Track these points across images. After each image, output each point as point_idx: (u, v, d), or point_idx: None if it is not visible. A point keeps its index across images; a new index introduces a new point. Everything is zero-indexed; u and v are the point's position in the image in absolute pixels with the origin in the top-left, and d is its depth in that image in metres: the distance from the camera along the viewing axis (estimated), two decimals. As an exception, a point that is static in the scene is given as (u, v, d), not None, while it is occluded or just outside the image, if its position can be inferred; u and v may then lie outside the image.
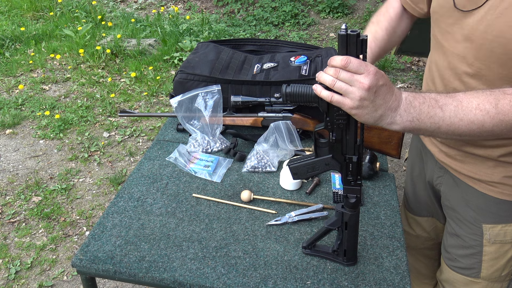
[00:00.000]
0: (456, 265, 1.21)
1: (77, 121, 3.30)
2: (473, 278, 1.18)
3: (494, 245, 1.12)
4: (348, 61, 0.77)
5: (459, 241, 1.18)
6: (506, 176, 1.04)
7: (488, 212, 1.10)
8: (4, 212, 2.52)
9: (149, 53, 4.22)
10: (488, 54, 0.90)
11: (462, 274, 1.20)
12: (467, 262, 1.18)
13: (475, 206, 1.12)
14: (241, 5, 5.24)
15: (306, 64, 1.53)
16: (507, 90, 0.83)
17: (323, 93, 0.81)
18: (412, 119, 0.82)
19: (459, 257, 1.20)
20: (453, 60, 1.00)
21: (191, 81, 1.50)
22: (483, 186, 1.08)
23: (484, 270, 1.16)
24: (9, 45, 4.31)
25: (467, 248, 1.17)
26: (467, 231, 1.15)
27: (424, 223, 1.41)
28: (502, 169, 1.03)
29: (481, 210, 1.11)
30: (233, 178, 1.35)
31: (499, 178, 1.05)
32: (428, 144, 1.22)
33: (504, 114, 0.81)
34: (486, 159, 1.04)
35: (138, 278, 1.04)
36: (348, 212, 0.97)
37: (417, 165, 1.34)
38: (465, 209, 1.15)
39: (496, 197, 1.07)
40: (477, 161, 1.06)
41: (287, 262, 1.07)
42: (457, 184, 1.15)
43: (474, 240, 1.14)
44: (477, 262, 1.16)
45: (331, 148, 0.92)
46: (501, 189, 1.05)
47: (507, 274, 1.16)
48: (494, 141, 1.00)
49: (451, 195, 1.19)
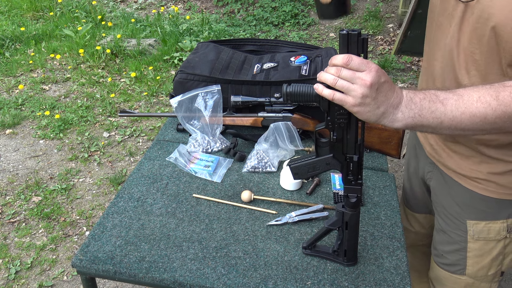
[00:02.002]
0: (443, 262, 1.22)
1: (77, 121, 3.29)
2: (459, 275, 1.19)
3: (478, 242, 1.13)
4: (349, 59, 0.77)
5: (445, 237, 1.19)
6: (491, 173, 1.04)
7: (472, 208, 1.11)
8: (4, 212, 2.52)
9: (149, 53, 4.22)
10: (479, 38, 0.91)
11: (448, 271, 1.21)
12: (452, 258, 1.19)
13: (460, 202, 1.13)
14: (241, 5, 5.24)
15: (306, 64, 1.53)
16: (506, 83, 0.84)
17: (324, 92, 0.81)
18: (414, 115, 0.82)
19: (445, 253, 1.21)
20: (448, 46, 1.01)
21: (191, 81, 1.50)
22: (468, 182, 1.09)
23: (469, 267, 1.16)
24: (9, 45, 4.31)
25: (452, 244, 1.18)
26: (453, 227, 1.16)
27: (422, 220, 1.42)
28: (486, 165, 1.04)
29: (465, 206, 1.12)
30: (233, 178, 1.34)
31: (484, 174, 1.05)
32: (421, 139, 1.23)
33: (506, 106, 0.81)
34: (472, 154, 1.05)
35: (138, 278, 1.04)
36: (349, 211, 0.97)
37: (413, 162, 1.35)
38: (451, 205, 1.16)
39: (481, 194, 1.08)
40: (463, 156, 1.07)
41: (287, 263, 1.07)
42: (444, 180, 1.16)
43: (459, 235, 1.15)
44: (462, 258, 1.16)
45: (332, 148, 0.92)
46: (486, 185, 1.06)
47: (494, 274, 1.16)
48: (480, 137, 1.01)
49: (439, 191, 1.20)
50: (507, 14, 0.84)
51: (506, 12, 0.84)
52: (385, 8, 5.10)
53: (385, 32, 4.73)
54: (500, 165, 1.03)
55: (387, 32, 4.73)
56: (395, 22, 4.81)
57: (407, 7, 3.81)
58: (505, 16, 0.84)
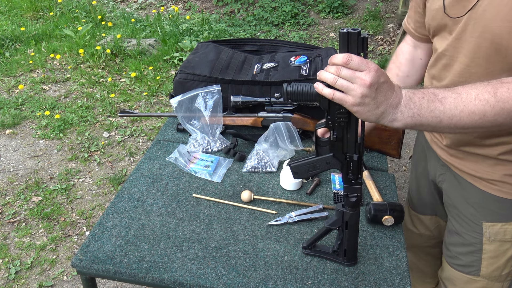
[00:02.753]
0: (457, 263, 1.22)
1: (77, 121, 3.29)
2: (473, 276, 1.18)
3: (493, 244, 1.12)
4: (349, 58, 0.77)
5: (460, 238, 1.19)
6: (506, 174, 1.04)
7: (488, 210, 1.10)
8: (4, 212, 2.52)
9: (149, 53, 4.22)
10: (475, 50, 0.92)
11: (462, 271, 1.21)
12: (467, 259, 1.18)
13: (475, 204, 1.12)
14: (241, 5, 5.24)
15: (306, 64, 1.53)
16: (503, 80, 0.84)
17: (324, 90, 0.81)
18: (413, 114, 0.82)
19: (459, 254, 1.20)
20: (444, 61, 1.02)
21: (191, 81, 1.50)
22: (483, 184, 1.08)
23: (484, 268, 1.16)
24: (9, 45, 4.31)
25: (467, 246, 1.17)
26: (467, 229, 1.16)
27: (428, 222, 1.41)
28: (502, 167, 1.04)
29: (481, 208, 1.11)
30: (233, 178, 1.34)
31: (499, 176, 1.05)
32: (431, 143, 1.23)
33: (504, 102, 0.82)
34: (486, 158, 1.05)
35: (138, 278, 1.04)
36: (349, 211, 0.97)
37: (421, 163, 1.35)
38: (465, 207, 1.15)
39: (496, 195, 1.07)
40: (477, 159, 1.07)
41: (287, 263, 1.07)
42: (458, 182, 1.15)
43: (474, 237, 1.15)
44: (476, 260, 1.16)
45: (332, 147, 0.92)
46: (501, 187, 1.06)
47: (507, 273, 1.16)
48: (493, 139, 1.01)
49: (453, 193, 1.19)
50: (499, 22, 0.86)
51: (499, 21, 0.86)
52: (385, 8, 5.10)
53: (385, 32, 4.73)
54: None
55: (387, 32, 4.73)
56: (395, 22, 4.81)
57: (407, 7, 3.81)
58: (499, 24, 0.86)
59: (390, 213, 1.15)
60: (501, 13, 0.85)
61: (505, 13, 0.84)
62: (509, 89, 0.82)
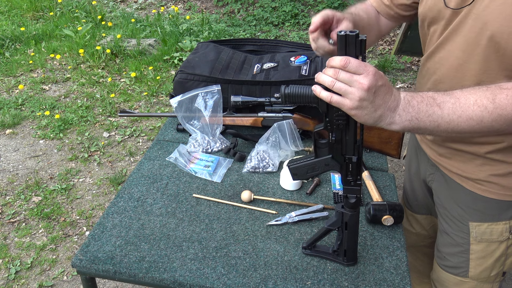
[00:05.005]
0: (446, 264, 1.22)
1: (77, 121, 3.29)
2: (462, 277, 1.19)
3: (480, 244, 1.13)
4: (347, 61, 0.77)
5: (448, 239, 1.19)
6: (493, 175, 1.04)
7: (475, 210, 1.11)
8: (4, 212, 2.52)
9: (149, 53, 4.22)
10: (473, 47, 0.92)
11: (451, 273, 1.21)
12: (455, 260, 1.19)
13: (463, 204, 1.13)
14: (241, 5, 5.24)
15: (306, 64, 1.53)
16: (503, 85, 0.84)
17: (322, 93, 0.81)
18: (411, 118, 0.82)
19: (448, 255, 1.21)
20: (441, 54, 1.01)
21: (191, 81, 1.50)
22: (470, 184, 1.09)
23: (472, 269, 1.16)
24: (9, 45, 4.31)
25: (455, 246, 1.17)
26: (455, 229, 1.16)
27: (423, 221, 1.42)
28: (489, 167, 1.04)
29: (468, 208, 1.12)
30: (233, 178, 1.35)
31: (485, 176, 1.05)
32: (421, 142, 1.23)
33: (502, 109, 0.82)
34: (474, 157, 1.05)
35: (138, 278, 1.04)
36: (348, 212, 0.97)
37: (414, 163, 1.35)
38: (453, 207, 1.16)
39: (483, 195, 1.07)
40: (465, 159, 1.07)
41: (287, 263, 1.07)
42: (446, 182, 1.16)
43: (462, 238, 1.15)
44: (464, 260, 1.16)
45: (331, 149, 0.92)
46: (488, 187, 1.06)
47: (496, 274, 1.16)
48: (482, 137, 1.01)
49: (441, 193, 1.20)
50: (502, 21, 0.85)
51: (501, 20, 0.85)
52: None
53: (385, 32, 4.73)
54: (502, 166, 1.03)
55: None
56: (395, 22, 4.80)
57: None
58: (500, 23, 0.85)
59: (389, 213, 1.15)
60: (504, 13, 0.84)
61: (508, 13, 0.83)
62: (508, 95, 0.82)
